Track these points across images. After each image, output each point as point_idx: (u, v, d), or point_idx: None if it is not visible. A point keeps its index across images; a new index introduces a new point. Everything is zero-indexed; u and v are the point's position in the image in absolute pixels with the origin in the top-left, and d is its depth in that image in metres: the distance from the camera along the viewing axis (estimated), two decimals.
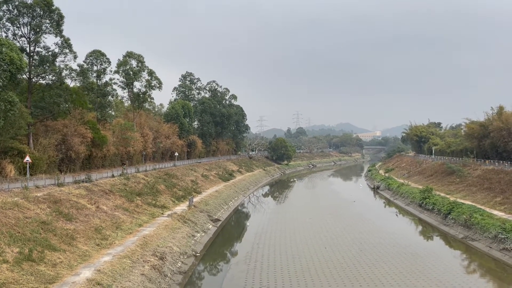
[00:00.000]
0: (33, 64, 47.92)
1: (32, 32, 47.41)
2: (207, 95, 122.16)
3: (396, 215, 62.91)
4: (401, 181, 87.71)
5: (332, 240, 43.82)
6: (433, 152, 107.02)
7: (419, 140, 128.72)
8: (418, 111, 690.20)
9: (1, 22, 45.74)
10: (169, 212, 46.77)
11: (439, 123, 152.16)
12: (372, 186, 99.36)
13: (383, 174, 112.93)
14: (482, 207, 49.00)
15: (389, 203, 75.17)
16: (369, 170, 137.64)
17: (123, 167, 58.51)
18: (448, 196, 60.15)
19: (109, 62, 65.51)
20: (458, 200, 55.40)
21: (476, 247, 40.58)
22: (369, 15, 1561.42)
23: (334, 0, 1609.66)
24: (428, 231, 50.88)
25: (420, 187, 71.68)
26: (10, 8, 45.92)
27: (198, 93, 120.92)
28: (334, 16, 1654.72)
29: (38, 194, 34.10)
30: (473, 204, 51.68)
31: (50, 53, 49.20)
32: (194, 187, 67.93)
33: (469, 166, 73.25)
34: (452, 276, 32.21)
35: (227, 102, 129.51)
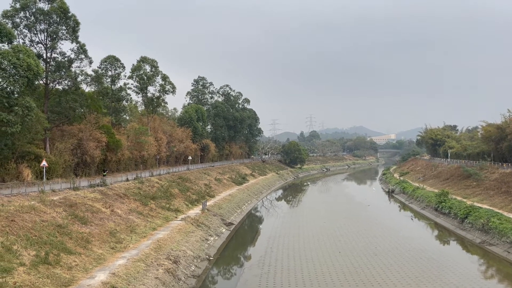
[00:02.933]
0: (50, 70, 48.78)
1: (49, 39, 48.29)
2: (220, 99, 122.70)
3: (412, 219, 62.08)
4: (416, 184, 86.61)
5: (346, 244, 43.43)
6: (449, 155, 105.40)
7: (434, 143, 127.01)
8: (433, 114, 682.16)
9: (19, 28, 46.60)
10: (183, 216, 46.98)
11: (455, 126, 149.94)
12: (386, 190, 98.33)
13: (398, 177, 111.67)
14: (500, 211, 48.02)
15: (404, 207, 74.24)
16: (384, 174, 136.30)
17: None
18: (464, 200, 59.10)
19: (124, 67, 66.50)
20: (475, 204, 54.40)
21: (494, 252, 39.77)
22: (381, 17, 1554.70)
23: (345, 2, 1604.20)
24: (444, 235, 50.07)
25: (436, 190, 70.64)
26: (27, 15, 46.81)
27: (211, 97, 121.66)
28: (346, 18, 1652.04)
29: (54, 198, 34.62)
30: (491, 208, 50.68)
31: (66, 59, 50.06)
32: (207, 190, 68.16)
33: (486, 169, 71.88)
34: (469, 281, 31.58)
35: (240, 106, 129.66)
